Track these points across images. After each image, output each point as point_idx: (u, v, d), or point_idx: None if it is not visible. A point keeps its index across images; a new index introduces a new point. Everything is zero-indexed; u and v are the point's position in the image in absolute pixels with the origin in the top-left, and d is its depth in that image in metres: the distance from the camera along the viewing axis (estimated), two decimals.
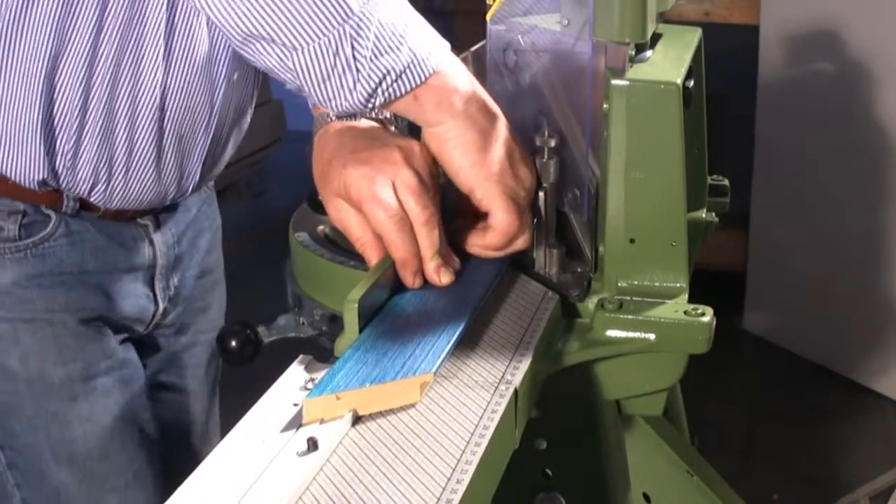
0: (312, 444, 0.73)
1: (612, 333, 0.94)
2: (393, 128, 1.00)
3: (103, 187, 1.17)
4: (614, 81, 0.94)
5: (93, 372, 1.23)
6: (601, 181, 0.97)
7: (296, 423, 0.77)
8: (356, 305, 0.85)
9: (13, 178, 1.12)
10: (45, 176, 1.12)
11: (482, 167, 0.92)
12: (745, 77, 2.66)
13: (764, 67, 2.63)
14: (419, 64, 0.88)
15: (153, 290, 1.30)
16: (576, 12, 0.96)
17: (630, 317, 0.94)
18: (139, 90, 1.13)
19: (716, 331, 0.94)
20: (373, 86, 0.87)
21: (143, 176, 1.18)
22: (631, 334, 0.94)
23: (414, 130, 0.97)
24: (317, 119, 1.03)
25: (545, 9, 1.02)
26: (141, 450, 1.30)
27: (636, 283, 0.98)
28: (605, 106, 0.94)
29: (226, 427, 0.80)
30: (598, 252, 0.99)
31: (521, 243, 0.96)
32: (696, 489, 1.08)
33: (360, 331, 0.85)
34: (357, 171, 0.91)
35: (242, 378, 1.21)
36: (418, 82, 0.88)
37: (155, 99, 1.14)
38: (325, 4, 0.85)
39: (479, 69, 1.02)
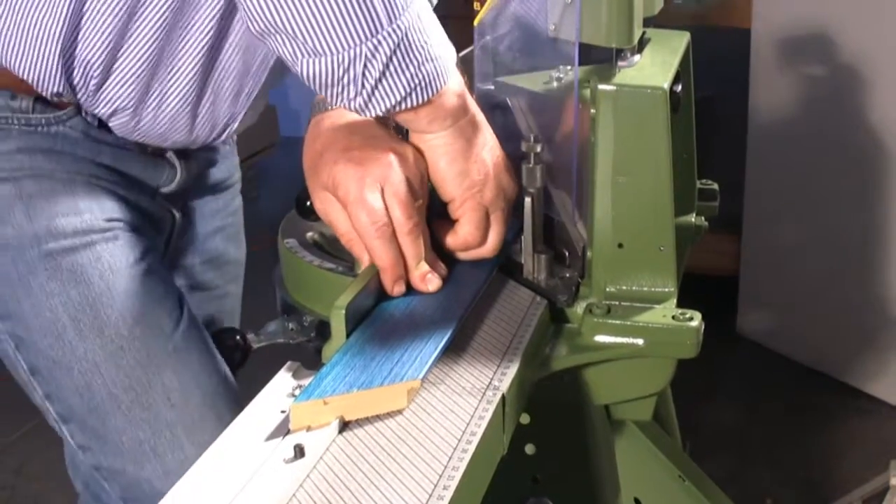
0: (299, 451, 0.73)
1: (601, 339, 0.94)
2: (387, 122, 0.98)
3: (127, 119, 1.10)
4: (601, 86, 0.94)
5: (108, 223, 1.10)
6: (588, 186, 0.97)
7: (283, 429, 0.77)
8: (343, 312, 0.84)
9: (30, 82, 1.05)
10: (60, 89, 1.06)
11: (466, 177, 0.93)
12: (736, 80, 2.66)
13: (756, 71, 2.64)
14: (424, 89, 0.88)
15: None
16: (563, 18, 0.97)
17: (618, 322, 0.94)
18: (193, 22, 1.06)
19: (710, 335, 0.94)
20: (374, 104, 0.87)
21: (175, 117, 1.11)
22: (619, 339, 0.94)
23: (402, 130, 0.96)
24: (316, 105, 1.01)
25: (530, 54, 1.02)
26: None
27: (624, 288, 0.97)
28: (592, 111, 0.94)
29: None
30: (587, 257, 0.99)
31: (483, 252, 0.97)
32: (688, 494, 1.08)
33: (348, 337, 0.85)
34: (347, 170, 0.90)
35: None
36: (416, 104, 0.88)
37: (208, 36, 1.07)
38: (359, 13, 0.83)
39: (467, 73, 1.02)
